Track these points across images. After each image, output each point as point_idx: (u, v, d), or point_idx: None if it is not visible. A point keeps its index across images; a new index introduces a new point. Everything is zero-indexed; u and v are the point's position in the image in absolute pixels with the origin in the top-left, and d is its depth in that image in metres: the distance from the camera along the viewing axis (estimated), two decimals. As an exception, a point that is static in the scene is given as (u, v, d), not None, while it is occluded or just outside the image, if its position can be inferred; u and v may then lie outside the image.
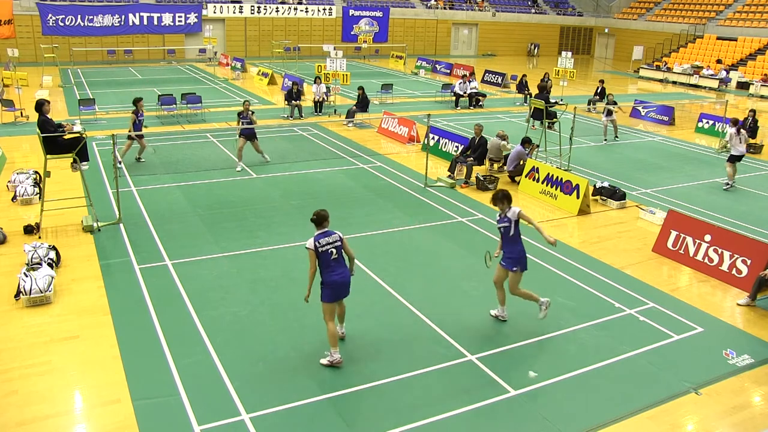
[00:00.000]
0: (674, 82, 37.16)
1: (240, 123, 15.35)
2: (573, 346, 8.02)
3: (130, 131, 14.81)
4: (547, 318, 8.65)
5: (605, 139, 20.14)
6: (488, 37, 51.05)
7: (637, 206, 13.58)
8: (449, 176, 15.08)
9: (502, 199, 8.17)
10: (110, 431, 6.28)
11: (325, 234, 7.20)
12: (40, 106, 11.18)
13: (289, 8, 43.71)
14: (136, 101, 15.23)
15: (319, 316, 7.92)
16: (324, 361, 7.39)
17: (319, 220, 7.25)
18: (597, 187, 14.14)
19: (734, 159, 15.10)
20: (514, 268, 8.11)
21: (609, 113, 20.11)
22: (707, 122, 22.44)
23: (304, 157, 16.80)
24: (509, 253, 8.16)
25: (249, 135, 15.37)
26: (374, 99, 25.00)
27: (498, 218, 8.29)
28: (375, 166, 16.19)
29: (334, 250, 7.18)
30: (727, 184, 15.17)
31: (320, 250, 7.12)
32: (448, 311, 8.80)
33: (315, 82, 22.82)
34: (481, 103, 25.80)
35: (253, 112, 15.61)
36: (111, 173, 13.74)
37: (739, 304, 9.41)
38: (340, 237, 7.27)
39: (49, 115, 11.37)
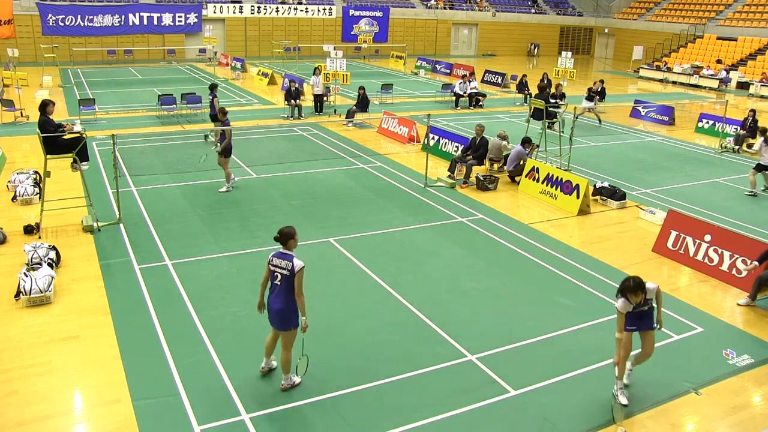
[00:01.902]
0: (674, 82, 37.15)
1: (216, 144, 13.49)
2: (573, 346, 8.01)
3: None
4: (547, 318, 8.67)
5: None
6: (488, 37, 51.04)
7: (637, 206, 13.58)
8: (449, 176, 15.08)
9: (637, 288, 6.60)
10: (110, 431, 6.28)
11: (282, 256, 6.61)
12: (45, 106, 11.11)
13: (289, 8, 43.70)
14: (214, 87, 17.29)
15: (319, 316, 7.94)
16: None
17: (282, 239, 6.62)
18: (597, 187, 14.14)
19: (762, 168, 14.54)
20: (655, 326, 7.02)
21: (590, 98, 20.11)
22: (707, 122, 22.43)
23: (304, 157, 16.79)
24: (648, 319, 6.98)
25: (228, 151, 13.59)
26: (374, 99, 24.99)
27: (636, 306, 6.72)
28: (375, 166, 16.19)
29: (280, 276, 6.58)
30: (751, 191, 14.64)
31: (270, 267, 6.69)
32: (448, 311, 8.79)
33: (314, 74, 22.64)
34: (481, 103, 25.81)
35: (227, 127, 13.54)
36: (111, 173, 13.73)
37: (739, 304, 9.41)
38: (293, 269, 6.50)
39: (50, 116, 11.35)
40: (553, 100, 20.98)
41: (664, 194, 14.59)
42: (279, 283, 6.63)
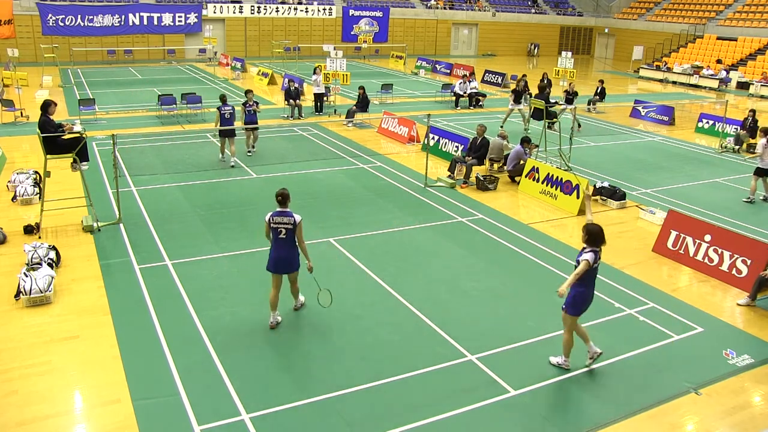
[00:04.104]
0: (674, 82, 37.16)
1: (217, 123, 15.37)
2: (573, 346, 8.00)
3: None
4: (547, 318, 8.66)
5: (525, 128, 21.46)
6: (488, 37, 51.05)
7: (637, 206, 13.58)
8: (449, 176, 15.08)
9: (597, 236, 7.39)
10: (110, 431, 6.28)
11: (282, 213, 7.83)
12: (47, 106, 11.11)
13: (289, 8, 43.71)
14: (246, 92, 16.47)
15: (319, 315, 7.92)
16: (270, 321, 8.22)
17: (283, 199, 7.86)
18: (597, 187, 14.14)
19: (762, 172, 13.99)
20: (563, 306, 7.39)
21: (517, 100, 21.77)
22: (707, 122, 22.44)
23: (304, 157, 16.80)
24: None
25: (228, 133, 15.45)
26: (374, 99, 24.98)
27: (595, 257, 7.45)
28: (375, 166, 16.18)
29: (284, 230, 7.82)
30: (749, 198, 14.15)
31: (272, 225, 7.84)
32: (448, 311, 8.79)
33: (315, 73, 22.60)
34: (481, 103, 25.81)
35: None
36: (111, 173, 13.73)
37: (739, 304, 9.41)
38: (294, 222, 7.81)
39: (50, 116, 11.34)
40: (569, 97, 22.38)
41: (664, 194, 14.59)
42: (284, 236, 7.85)
